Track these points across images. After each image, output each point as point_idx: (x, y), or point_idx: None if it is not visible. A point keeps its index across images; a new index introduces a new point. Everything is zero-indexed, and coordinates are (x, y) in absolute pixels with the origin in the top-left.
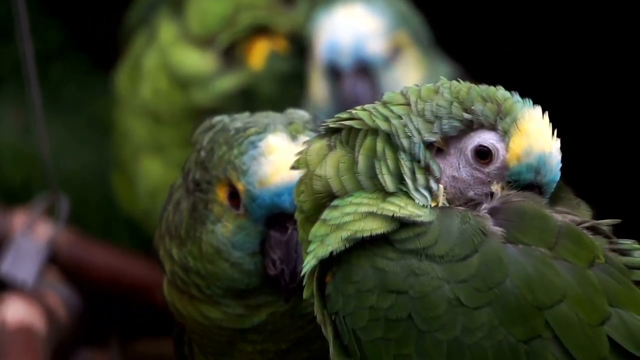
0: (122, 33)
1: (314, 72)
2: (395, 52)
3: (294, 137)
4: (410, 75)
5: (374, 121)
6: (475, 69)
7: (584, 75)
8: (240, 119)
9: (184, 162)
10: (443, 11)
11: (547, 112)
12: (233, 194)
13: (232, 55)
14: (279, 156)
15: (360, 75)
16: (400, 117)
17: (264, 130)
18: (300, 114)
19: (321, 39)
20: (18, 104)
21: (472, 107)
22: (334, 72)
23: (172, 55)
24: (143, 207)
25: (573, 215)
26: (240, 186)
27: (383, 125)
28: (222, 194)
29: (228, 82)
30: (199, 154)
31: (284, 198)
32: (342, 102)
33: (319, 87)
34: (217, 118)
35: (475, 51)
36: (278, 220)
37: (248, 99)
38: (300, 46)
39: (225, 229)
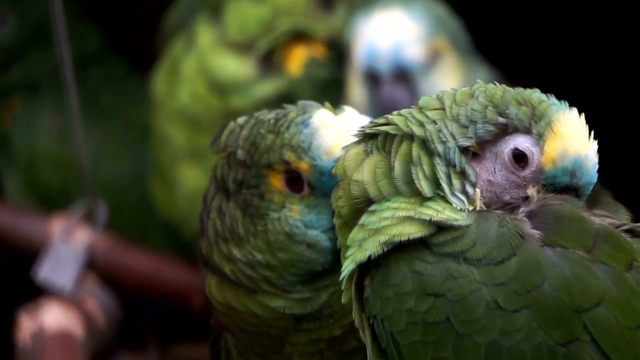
0: (160, 37)
1: (352, 77)
2: (433, 58)
3: (335, 112)
4: (449, 80)
5: (409, 127)
6: (514, 74)
7: (625, 78)
8: (267, 114)
9: (213, 171)
10: (481, 15)
11: (584, 114)
12: (292, 178)
13: (270, 61)
14: (335, 128)
15: (398, 81)
16: (434, 122)
17: (304, 112)
18: (312, 103)
19: (360, 44)
20: (56, 109)
21: (507, 111)
22: (373, 78)
23: (210, 61)
24: (182, 212)
25: (611, 218)
26: (303, 165)
27: (418, 131)
28: (277, 182)
29: (266, 88)
30: (234, 155)
31: None
32: (381, 108)
33: (357, 93)
34: (240, 119)
35: (514, 56)
36: None
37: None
38: (338, 52)
39: (294, 212)
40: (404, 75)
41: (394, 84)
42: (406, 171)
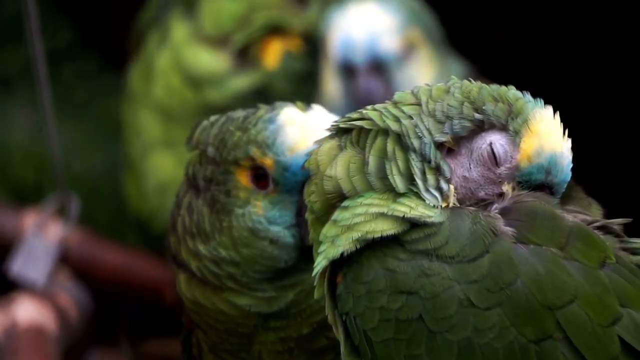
0: (134, 32)
1: (327, 70)
2: (408, 50)
3: (304, 110)
4: (424, 72)
5: (384, 121)
6: (485, 67)
7: (594, 73)
8: (239, 112)
9: (186, 167)
10: (454, 9)
11: (558, 112)
12: (258, 175)
13: (246, 55)
14: (300, 125)
15: (374, 72)
16: (410, 117)
17: (273, 109)
18: (285, 103)
19: (335, 36)
20: (29, 104)
21: (483, 107)
22: (348, 70)
23: (185, 55)
24: (152, 205)
25: (584, 214)
26: (267, 161)
27: (393, 126)
28: (243, 179)
29: (242, 81)
30: (205, 152)
31: None
32: (356, 99)
33: (332, 85)
34: (213, 117)
35: (485, 49)
36: None
37: (262, 99)
38: (313, 46)
39: (257, 208)
40: (379, 67)
41: (370, 75)
42: (380, 166)
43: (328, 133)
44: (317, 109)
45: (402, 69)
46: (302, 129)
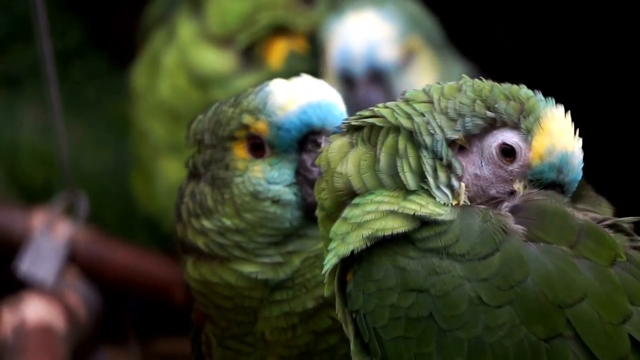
0: (140, 30)
1: (327, 78)
2: (408, 57)
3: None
4: (425, 79)
5: (396, 119)
6: (485, 67)
7: (594, 73)
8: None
9: (186, 162)
10: (453, 9)
11: (568, 111)
12: (254, 145)
13: (251, 54)
14: (288, 88)
15: (373, 82)
16: (422, 115)
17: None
18: None
19: (333, 46)
20: (38, 103)
21: (495, 106)
22: (347, 80)
23: (191, 54)
24: (161, 205)
25: (594, 212)
26: (261, 124)
27: (405, 123)
28: (240, 152)
29: (247, 82)
30: (203, 141)
31: (310, 114)
32: (356, 109)
33: None
34: (206, 108)
35: (485, 49)
36: (308, 141)
37: None
38: (318, 46)
39: (256, 172)
40: (378, 77)
41: (369, 85)
42: (391, 163)
43: (339, 130)
44: (305, 76)
45: (402, 77)
46: (290, 91)
